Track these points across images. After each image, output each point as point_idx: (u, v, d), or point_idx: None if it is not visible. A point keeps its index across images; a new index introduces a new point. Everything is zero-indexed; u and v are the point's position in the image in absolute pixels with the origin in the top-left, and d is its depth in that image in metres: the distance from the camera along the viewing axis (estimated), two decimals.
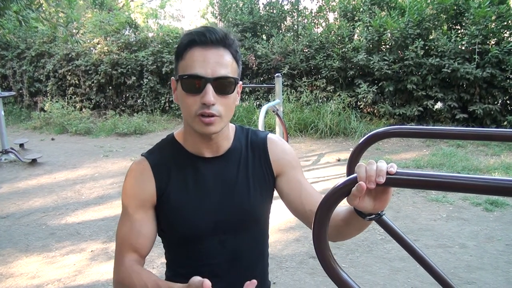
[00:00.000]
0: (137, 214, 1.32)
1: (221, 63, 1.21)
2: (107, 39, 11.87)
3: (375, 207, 0.99)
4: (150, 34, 12.30)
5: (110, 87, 12.18)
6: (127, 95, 12.20)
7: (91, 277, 3.74)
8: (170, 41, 11.56)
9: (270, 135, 1.45)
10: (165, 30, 12.13)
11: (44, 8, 5.12)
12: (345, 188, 0.84)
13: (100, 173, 7.08)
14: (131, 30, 12.47)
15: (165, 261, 1.55)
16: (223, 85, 1.21)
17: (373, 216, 1.07)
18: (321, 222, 0.84)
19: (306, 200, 1.36)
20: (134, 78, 11.61)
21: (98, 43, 11.97)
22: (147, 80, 11.44)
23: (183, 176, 1.33)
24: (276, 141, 1.43)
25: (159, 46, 11.50)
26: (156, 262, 3.94)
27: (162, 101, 11.68)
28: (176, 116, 11.62)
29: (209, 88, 1.19)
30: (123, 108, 12.07)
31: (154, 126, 10.68)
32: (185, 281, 1.14)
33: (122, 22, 12.16)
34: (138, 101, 11.95)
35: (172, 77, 1.31)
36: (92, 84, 12.01)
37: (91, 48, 12.10)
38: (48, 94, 12.70)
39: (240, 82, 1.32)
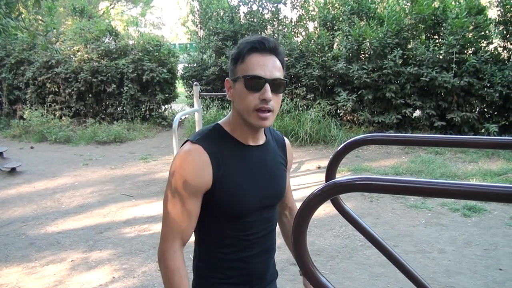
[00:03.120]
0: (190, 200, 1.46)
1: (275, 67, 1.45)
2: (87, 47, 11.79)
3: None
4: (131, 42, 12.25)
5: (90, 95, 12.09)
6: (107, 103, 12.13)
7: (71, 287, 3.72)
8: (151, 48, 11.54)
9: (285, 137, 1.77)
10: (146, 38, 12.08)
11: (24, 16, 5.08)
12: (323, 194, 0.87)
13: (80, 182, 7.03)
14: (111, 38, 12.39)
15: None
16: (277, 85, 1.45)
17: None
18: (299, 228, 0.86)
19: (287, 195, 1.79)
20: (114, 86, 11.55)
21: (78, 51, 11.88)
22: (127, 88, 11.39)
23: (234, 161, 1.51)
24: (290, 145, 1.76)
25: (140, 54, 11.47)
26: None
27: (142, 109, 11.64)
28: (157, 124, 11.58)
29: (268, 87, 1.42)
30: (103, 116, 11.97)
31: (134, 134, 10.62)
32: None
33: (102, 29, 12.09)
34: (118, 109, 11.89)
35: (227, 78, 1.53)
36: (72, 92, 11.90)
37: (71, 56, 12.00)
38: (28, 102, 12.54)
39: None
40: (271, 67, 1.44)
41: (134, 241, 4.66)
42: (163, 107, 12.15)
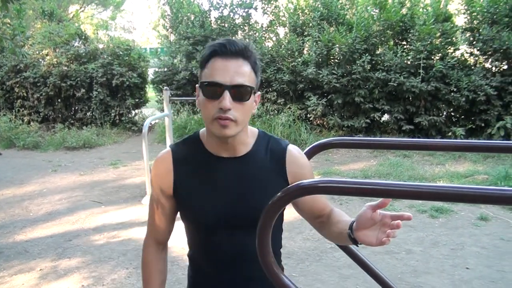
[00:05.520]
0: (160, 200, 1.48)
1: (239, 72, 1.31)
2: (56, 51, 11.59)
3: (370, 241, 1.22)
4: (100, 46, 12.09)
5: (59, 100, 11.88)
6: (76, 107, 11.94)
7: None
8: (121, 53, 11.42)
9: (290, 146, 1.52)
10: (116, 41, 11.95)
11: None
12: (287, 196, 0.90)
13: (48, 189, 6.91)
14: (80, 42, 12.23)
15: None
16: (240, 93, 1.31)
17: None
18: (264, 230, 0.89)
19: (316, 207, 1.51)
20: (84, 90, 11.37)
21: (47, 55, 11.67)
22: (97, 93, 11.24)
23: (200, 171, 1.44)
24: (296, 154, 1.51)
25: (109, 58, 11.33)
26: None
27: (112, 114, 11.50)
28: (127, 129, 11.47)
29: (227, 94, 1.28)
30: (72, 121, 11.77)
31: (103, 140, 10.49)
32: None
33: (71, 33, 11.91)
34: (88, 114, 11.72)
35: (197, 85, 1.41)
36: (41, 97, 11.66)
37: (40, 60, 11.78)
38: None
39: (259, 92, 1.43)
40: (233, 72, 1.30)
41: (103, 248, 4.62)
42: (133, 112, 12.02)
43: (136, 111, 12.18)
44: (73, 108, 12.06)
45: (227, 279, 1.47)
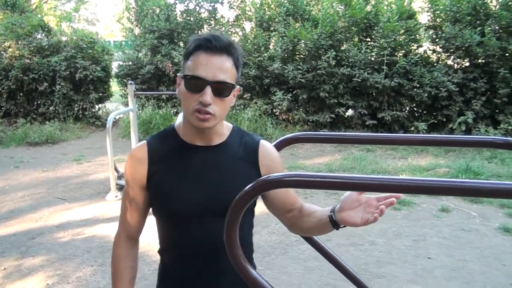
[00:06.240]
0: (132, 193, 1.50)
1: (222, 68, 1.35)
2: (19, 43, 11.25)
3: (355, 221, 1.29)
4: (64, 38, 11.79)
5: (21, 94, 11.51)
6: (39, 102, 11.60)
7: None
8: (84, 46, 11.19)
9: (263, 141, 1.56)
10: (79, 34, 11.69)
11: None
12: (254, 191, 0.92)
13: (10, 186, 6.75)
14: (43, 34, 11.92)
15: None
16: (221, 89, 1.35)
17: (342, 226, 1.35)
18: (232, 224, 0.91)
19: (288, 201, 1.55)
20: (46, 84, 11.09)
21: (9, 47, 11.29)
22: (60, 87, 10.98)
23: (174, 160, 1.46)
24: (268, 148, 1.56)
25: (73, 51, 11.07)
26: None
27: (75, 109, 11.26)
28: (90, 124, 11.28)
29: (208, 89, 1.33)
30: (34, 115, 11.45)
31: (67, 135, 10.28)
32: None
33: (34, 25, 11.58)
34: (50, 108, 11.44)
35: (179, 74, 1.43)
36: (2, 91, 11.26)
37: (2, 52, 11.40)
38: None
39: (238, 87, 1.45)
40: (215, 68, 1.34)
41: (67, 246, 4.54)
42: (96, 107, 11.80)
43: (100, 105, 11.96)
44: (35, 103, 11.73)
45: (199, 271, 1.48)
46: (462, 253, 4.24)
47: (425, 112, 9.38)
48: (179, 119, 1.57)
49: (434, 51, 9.55)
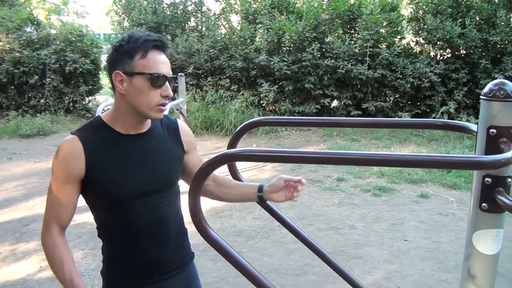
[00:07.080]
0: (65, 187, 1.55)
1: (169, 64, 1.57)
2: (9, 36, 11.32)
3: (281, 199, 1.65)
4: (53, 32, 11.85)
5: (12, 87, 11.60)
6: (30, 95, 11.70)
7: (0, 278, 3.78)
8: (73, 39, 11.28)
9: (179, 120, 1.80)
10: (69, 27, 11.77)
11: None
12: (215, 163, 1.08)
13: (4, 176, 6.88)
14: (33, 27, 11.97)
15: None
16: (172, 83, 1.57)
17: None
18: (195, 192, 1.07)
19: None
20: (37, 77, 11.17)
21: None
22: (50, 80, 11.08)
23: (109, 149, 1.56)
24: (186, 127, 1.80)
25: (62, 44, 11.17)
26: None
27: (66, 101, 11.36)
28: (81, 116, 11.39)
29: (168, 84, 1.54)
30: (25, 108, 11.53)
31: (58, 127, 10.39)
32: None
33: (24, 18, 11.63)
34: (41, 101, 11.52)
35: (118, 71, 1.54)
36: None
37: None
38: None
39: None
40: (167, 65, 1.54)
41: None
42: (87, 99, 11.92)
43: (90, 98, 12.08)
44: (26, 95, 11.82)
45: (146, 244, 1.62)
46: (437, 235, 4.46)
47: (409, 102, 9.62)
48: (105, 112, 1.70)
49: (417, 42, 9.77)
